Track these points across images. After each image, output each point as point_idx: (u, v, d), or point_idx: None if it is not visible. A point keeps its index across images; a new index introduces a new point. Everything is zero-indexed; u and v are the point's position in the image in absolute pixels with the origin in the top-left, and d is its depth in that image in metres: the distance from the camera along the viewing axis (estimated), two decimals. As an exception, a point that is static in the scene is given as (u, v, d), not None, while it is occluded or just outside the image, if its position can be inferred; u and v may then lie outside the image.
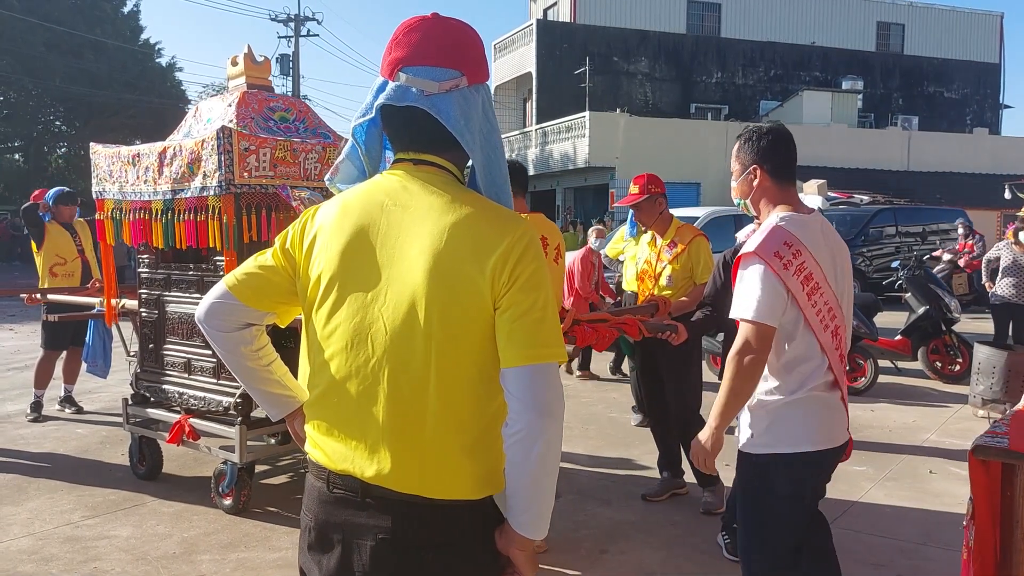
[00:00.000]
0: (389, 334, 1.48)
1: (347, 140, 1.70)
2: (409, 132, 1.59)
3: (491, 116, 1.62)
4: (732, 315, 2.48)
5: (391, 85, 1.56)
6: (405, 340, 1.47)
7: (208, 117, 4.74)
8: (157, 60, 34.04)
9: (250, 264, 1.70)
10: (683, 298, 4.54)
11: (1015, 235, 8.03)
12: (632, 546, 4.13)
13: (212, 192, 4.19)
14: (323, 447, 1.57)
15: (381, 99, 1.56)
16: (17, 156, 32.44)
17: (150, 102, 30.83)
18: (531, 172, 27.65)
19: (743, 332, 2.41)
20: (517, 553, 1.53)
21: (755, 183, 2.58)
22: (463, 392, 1.49)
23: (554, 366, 1.49)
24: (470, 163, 1.63)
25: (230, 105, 4.63)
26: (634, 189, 4.77)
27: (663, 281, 4.64)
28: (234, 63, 4.88)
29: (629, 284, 6.84)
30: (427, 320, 1.46)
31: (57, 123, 33.14)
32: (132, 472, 5.15)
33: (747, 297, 2.40)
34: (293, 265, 1.63)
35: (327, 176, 1.70)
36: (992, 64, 34.44)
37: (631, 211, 6.92)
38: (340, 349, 1.53)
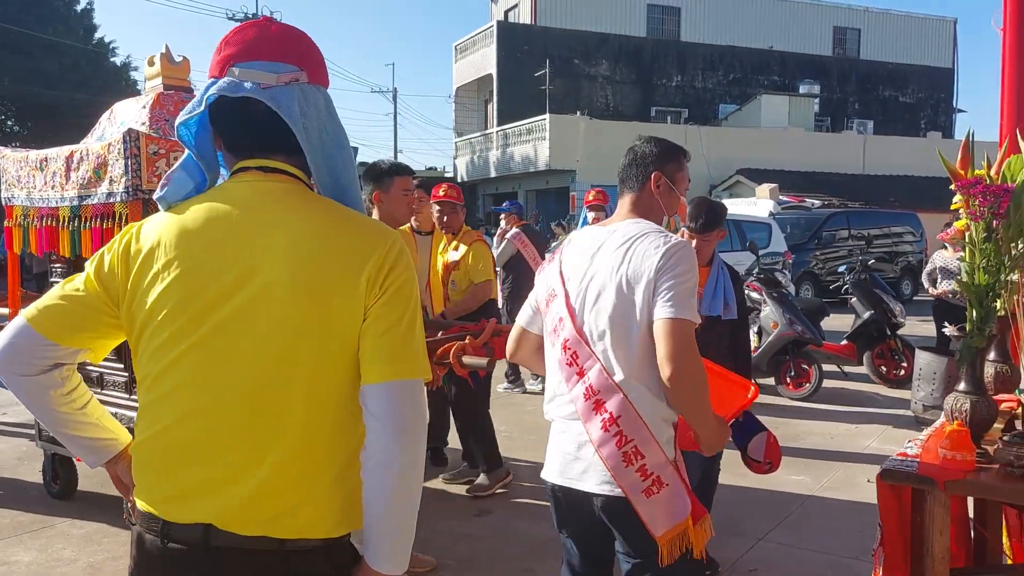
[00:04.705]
0: (249, 360, 1.35)
1: (185, 151, 1.53)
2: (249, 133, 1.46)
3: (336, 117, 1.51)
4: None
5: (223, 80, 1.43)
6: (269, 367, 1.34)
7: (122, 120, 4.54)
8: (111, 59, 33.41)
9: (55, 294, 1.48)
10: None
11: (947, 242, 8.09)
12: (560, 565, 3.99)
13: (119, 198, 3.99)
14: (156, 494, 1.40)
15: (213, 91, 1.42)
16: (-35, 156, 31.60)
17: (104, 101, 29.99)
18: (492, 174, 27.58)
19: None
20: None
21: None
22: (329, 418, 1.37)
23: (419, 384, 1.39)
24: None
25: (144, 107, 4.43)
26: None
27: (449, 286, 5.13)
28: (151, 63, 4.67)
29: None
30: (292, 343, 1.34)
31: (9, 123, 32.34)
32: (46, 491, 4.92)
33: None
34: (113, 292, 1.45)
35: (157, 191, 1.52)
36: (946, 69, 35.03)
37: (587, 214, 6.86)
38: (186, 380, 1.37)
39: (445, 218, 5.13)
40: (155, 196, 1.53)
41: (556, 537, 4.29)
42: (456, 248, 5.16)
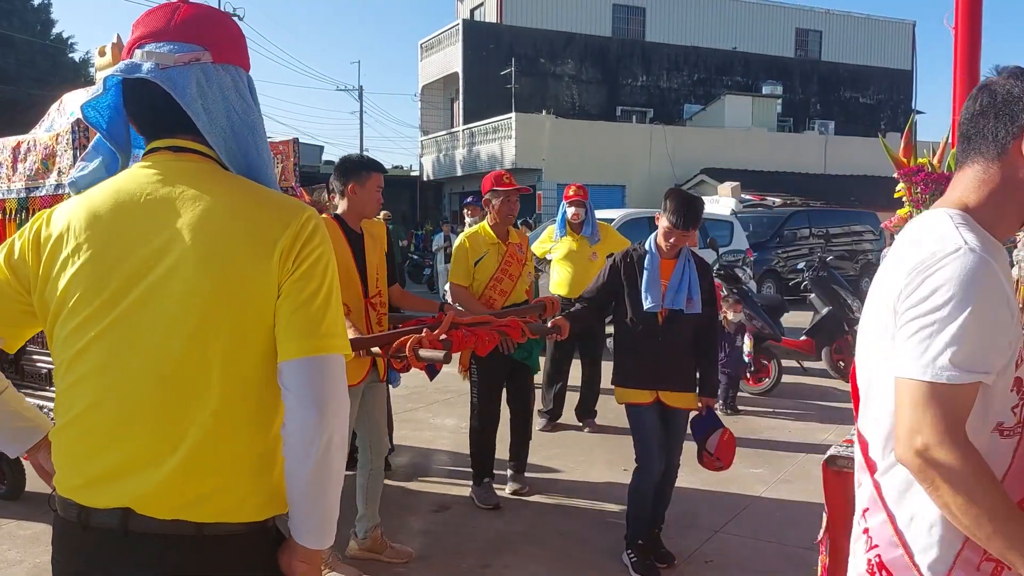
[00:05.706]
0: (160, 341, 1.33)
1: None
2: (155, 114, 1.44)
3: (248, 98, 1.49)
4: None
5: (123, 62, 1.42)
6: (182, 347, 1.33)
7: (71, 110, 4.44)
8: (70, 55, 32.81)
9: None
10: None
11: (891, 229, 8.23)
12: (518, 560, 3.99)
13: (67, 190, 3.91)
14: (74, 480, 1.37)
15: (112, 72, 1.42)
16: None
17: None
18: (458, 173, 27.51)
19: None
20: (300, 565, 1.41)
21: None
22: (249, 399, 1.36)
23: (338, 359, 1.38)
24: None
25: (94, 98, 4.34)
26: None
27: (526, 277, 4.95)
28: (102, 53, 4.56)
29: (557, 286, 6.67)
30: (205, 323, 1.33)
31: (-38, 119, 31.66)
32: (-7, 491, 4.80)
33: None
34: (24, 280, 1.43)
35: (70, 175, 1.50)
36: (905, 71, 35.60)
37: (563, 211, 6.78)
38: (99, 364, 1.35)
39: (514, 208, 4.87)
40: (67, 180, 1.51)
41: (514, 533, 4.30)
42: (519, 242, 4.94)
